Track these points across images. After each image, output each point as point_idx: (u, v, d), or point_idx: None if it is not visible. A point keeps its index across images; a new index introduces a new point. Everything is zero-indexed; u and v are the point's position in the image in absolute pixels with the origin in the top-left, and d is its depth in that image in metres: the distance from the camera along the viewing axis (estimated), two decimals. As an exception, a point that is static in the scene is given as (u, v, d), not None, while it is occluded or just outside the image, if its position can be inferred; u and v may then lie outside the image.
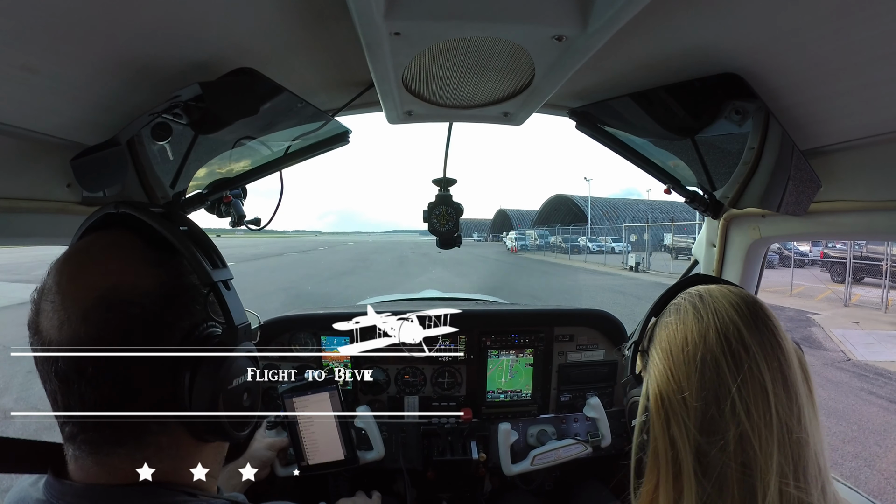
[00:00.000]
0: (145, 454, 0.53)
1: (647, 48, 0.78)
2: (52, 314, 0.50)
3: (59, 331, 0.50)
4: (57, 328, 0.50)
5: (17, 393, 5.28)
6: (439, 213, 1.25)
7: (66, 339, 0.49)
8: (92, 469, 0.52)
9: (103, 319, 0.50)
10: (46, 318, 0.51)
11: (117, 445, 0.52)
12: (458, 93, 0.96)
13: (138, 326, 0.52)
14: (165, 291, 0.55)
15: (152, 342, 0.52)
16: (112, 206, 0.59)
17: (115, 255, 0.55)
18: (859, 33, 0.59)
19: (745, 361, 0.59)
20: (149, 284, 0.54)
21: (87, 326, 0.50)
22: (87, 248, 0.56)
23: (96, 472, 0.52)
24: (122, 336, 0.50)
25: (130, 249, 0.56)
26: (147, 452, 0.53)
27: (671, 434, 0.62)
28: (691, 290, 0.70)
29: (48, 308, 0.51)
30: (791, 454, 0.57)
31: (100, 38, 0.62)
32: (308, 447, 1.37)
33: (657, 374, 0.65)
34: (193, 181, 1.17)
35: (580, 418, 1.70)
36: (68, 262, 0.54)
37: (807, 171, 0.87)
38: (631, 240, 29.81)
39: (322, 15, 0.73)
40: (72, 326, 0.50)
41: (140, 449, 0.53)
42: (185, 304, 0.56)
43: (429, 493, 1.68)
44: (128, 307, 0.51)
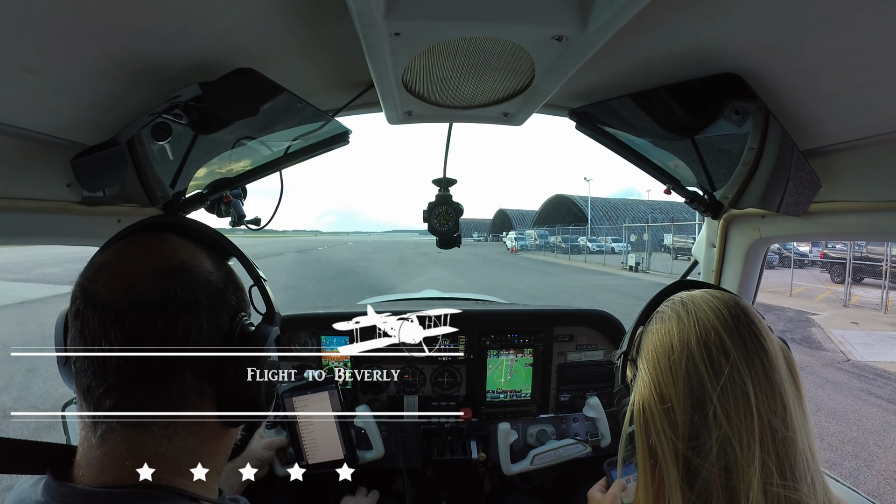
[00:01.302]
0: (176, 427, 0.55)
1: (647, 48, 0.78)
2: (113, 280, 0.54)
3: (125, 293, 0.53)
4: (122, 291, 0.53)
5: (17, 392, 5.28)
6: (439, 213, 1.25)
7: (133, 299, 0.53)
8: (118, 451, 0.52)
9: (177, 282, 0.55)
10: (105, 284, 0.54)
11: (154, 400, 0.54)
12: (457, 93, 0.96)
13: (205, 295, 0.57)
14: (223, 276, 0.61)
15: (215, 313, 0.58)
16: (159, 217, 0.64)
17: (178, 243, 0.60)
18: (859, 33, 0.59)
19: (725, 367, 0.60)
20: (212, 267, 0.60)
21: (160, 286, 0.54)
22: (147, 238, 0.61)
23: (120, 456, 0.52)
24: (193, 299, 0.55)
25: (187, 244, 0.61)
26: (178, 425, 0.55)
27: (650, 444, 0.64)
28: (675, 298, 0.71)
29: (107, 277, 0.55)
30: (776, 453, 0.57)
31: (100, 38, 0.62)
32: (308, 447, 1.37)
33: (641, 386, 0.66)
34: (193, 181, 1.17)
35: (580, 418, 1.70)
36: (130, 245, 0.59)
37: (807, 172, 0.87)
38: (631, 240, 29.82)
39: (322, 15, 0.73)
40: (141, 288, 0.53)
41: (170, 424, 0.55)
42: (236, 291, 0.63)
43: (428, 493, 1.68)
44: (198, 277, 0.57)
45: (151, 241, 0.60)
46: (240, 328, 0.60)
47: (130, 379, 0.52)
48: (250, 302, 0.67)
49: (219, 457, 0.62)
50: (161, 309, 0.53)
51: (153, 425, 0.54)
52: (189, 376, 0.55)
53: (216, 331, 0.58)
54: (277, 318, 0.68)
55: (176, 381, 0.55)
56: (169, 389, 0.54)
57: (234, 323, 0.60)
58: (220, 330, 0.58)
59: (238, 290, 0.64)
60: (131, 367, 0.52)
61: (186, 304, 0.55)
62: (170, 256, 0.57)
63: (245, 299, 0.65)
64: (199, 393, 0.57)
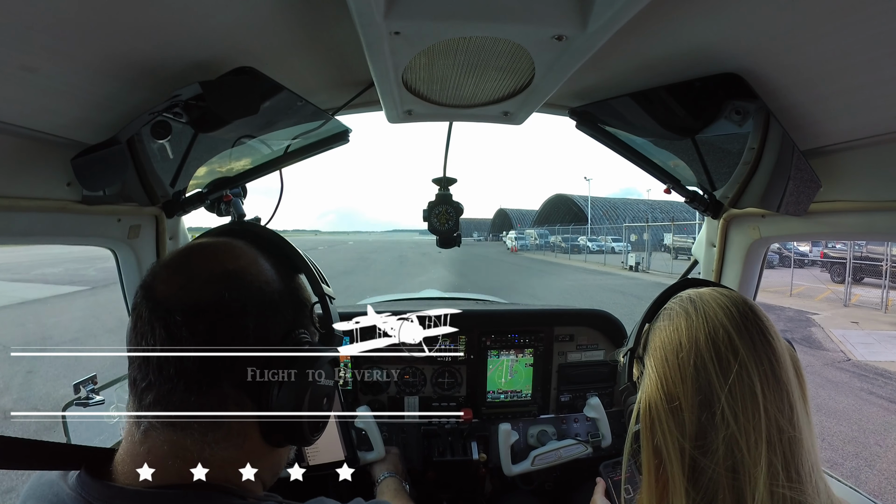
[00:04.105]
0: (216, 435, 0.53)
1: (647, 48, 0.78)
2: (172, 277, 0.55)
3: (177, 291, 0.53)
4: (175, 289, 0.53)
5: (18, 393, 5.27)
6: (439, 212, 1.25)
7: (182, 298, 0.53)
8: (161, 450, 0.52)
9: (227, 287, 0.54)
10: (163, 281, 0.54)
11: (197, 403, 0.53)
12: (458, 92, 0.96)
13: (255, 304, 0.55)
14: (283, 288, 0.60)
15: (262, 324, 0.56)
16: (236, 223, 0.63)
17: (243, 250, 0.60)
18: (859, 33, 0.59)
19: (733, 365, 0.59)
20: (271, 277, 0.59)
21: (209, 289, 0.54)
22: (217, 241, 0.61)
23: (163, 455, 0.52)
24: (240, 306, 0.54)
25: (253, 251, 0.61)
26: (218, 434, 0.54)
27: (655, 444, 0.63)
28: (683, 295, 0.70)
29: (166, 273, 0.55)
30: (783, 454, 0.57)
31: (100, 37, 0.62)
32: (308, 448, 1.36)
33: (648, 384, 0.66)
34: (193, 180, 1.17)
35: (580, 418, 1.70)
36: (197, 247, 0.59)
37: (807, 171, 0.87)
38: (631, 239, 29.79)
39: (322, 15, 0.73)
40: (193, 289, 0.54)
41: (212, 428, 0.53)
42: (295, 306, 0.61)
43: (429, 494, 1.68)
44: (250, 285, 0.56)
45: (219, 245, 0.60)
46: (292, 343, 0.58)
47: (169, 378, 0.52)
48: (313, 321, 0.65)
49: (266, 473, 0.60)
50: (206, 312, 0.52)
51: (191, 429, 0.53)
52: (226, 385, 0.54)
53: (263, 342, 0.55)
54: (337, 341, 0.66)
55: (214, 387, 0.53)
56: (206, 395, 0.53)
57: (287, 338, 0.58)
58: (268, 342, 0.56)
59: (298, 306, 0.62)
60: (170, 366, 0.52)
61: (232, 309, 0.54)
62: (229, 261, 0.57)
63: (305, 317, 0.63)
64: (238, 404, 0.55)
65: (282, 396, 0.56)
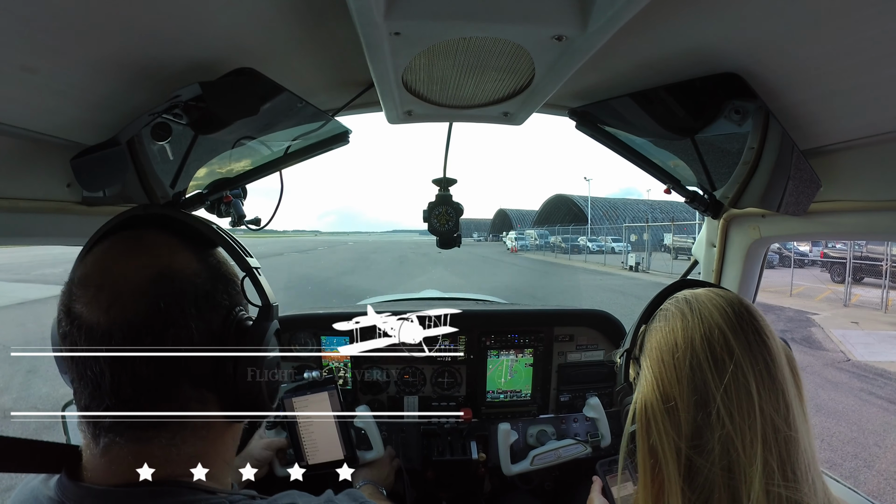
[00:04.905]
0: (183, 435, 0.54)
1: (647, 48, 0.78)
2: (96, 297, 0.51)
3: (108, 312, 0.50)
4: (105, 310, 0.50)
5: (18, 393, 5.27)
6: (439, 212, 1.25)
7: (117, 318, 0.50)
8: (125, 460, 0.51)
9: (161, 293, 0.52)
10: (87, 303, 0.51)
11: (160, 428, 0.53)
12: (458, 93, 0.96)
13: (192, 302, 0.54)
14: (211, 274, 0.58)
15: (204, 318, 0.55)
16: (140, 207, 0.62)
17: (160, 243, 0.57)
18: (859, 33, 0.59)
19: (728, 365, 0.60)
20: (197, 268, 0.57)
21: (142, 302, 0.51)
22: (127, 240, 0.58)
23: (127, 463, 0.51)
24: (179, 310, 0.53)
25: (170, 241, 0.58)
26: (185, 434, 0.54)
27: (651, 444, 0.63)
28: (679, 296, 0.71)
29: (89, 294, 0.51)
30: (778, 453, 0.57)
31: (100, 38, 0.62)
32: (307, 447, 1.36)
33: (644, 384, 0.66)
34: (193, 181, 1.17)
35: (580, 418, 1.70)
36: (110, 250, 0.56)
37: (807, 171, 0.87)
38: (631, 240, 29.81)
39: (322, 15, 0.73)
40: (123, 305, 0.50)
41: (179, 431, 0.54)
42: (227, 287, 0.60)
43: (428, 494, 1.68)
44: (182, 284, 0.54)
45: (131, 243, 0.57)
46: (235, 326, 0.58)
47: (127, 400, 0.51)
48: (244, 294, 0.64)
49: (227, 454, 0.61)
50: (146, 327, 0.50)
51: (158, 437, 0.53)
52: (187, 387, 0.54)
53: (208, 336, 0.55)
54: (274, 311, 0.64)
55: (174, 395, 0.53)
56: (169, 405, 0.53)
57: (229, 322, 0.57)
58: (213, 334, 0.56)
59: (229, 285, 0.60)
60: (125, 388, 0.50)
61: (172, 317, 0.52)
62: (151, 263, 0.54)
63: (238, 293, 0.62)
64: (200, 401, 0.55)
65: (239, 376, 0.57)
